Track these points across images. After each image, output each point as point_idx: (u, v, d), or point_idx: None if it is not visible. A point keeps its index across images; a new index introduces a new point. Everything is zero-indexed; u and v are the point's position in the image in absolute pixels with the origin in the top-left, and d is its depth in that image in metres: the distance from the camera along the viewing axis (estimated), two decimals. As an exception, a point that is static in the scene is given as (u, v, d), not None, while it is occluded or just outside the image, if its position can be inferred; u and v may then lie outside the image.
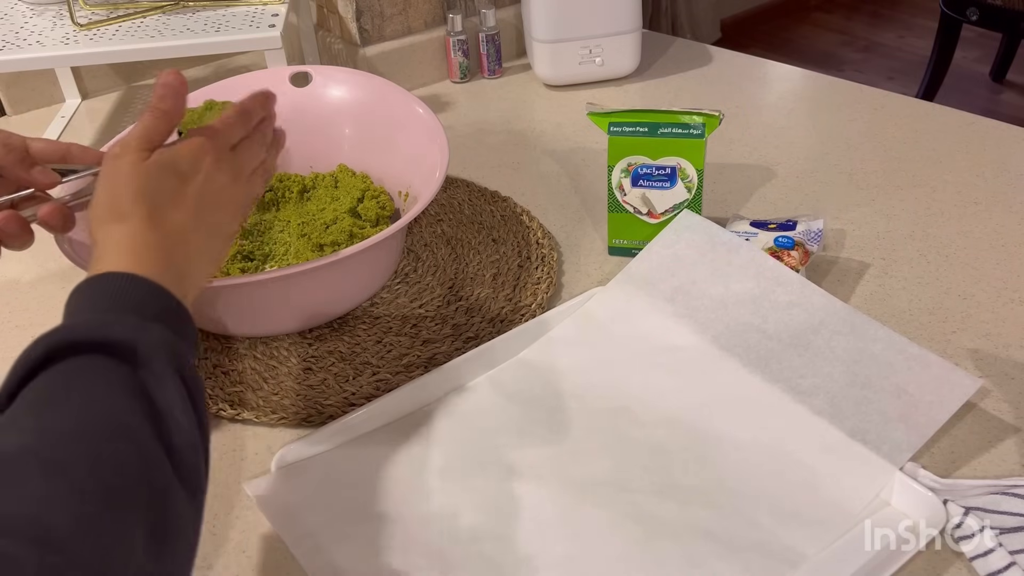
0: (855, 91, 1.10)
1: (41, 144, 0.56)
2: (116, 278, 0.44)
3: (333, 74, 0.86)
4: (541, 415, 0.63)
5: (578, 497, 0.56)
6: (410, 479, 0.59)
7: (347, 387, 0.67)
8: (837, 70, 2.97)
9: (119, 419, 0.37)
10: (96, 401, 0.38)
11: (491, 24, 1.17)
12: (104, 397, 0.38)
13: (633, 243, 0.79)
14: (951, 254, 0.78)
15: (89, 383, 0.38)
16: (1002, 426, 0.60)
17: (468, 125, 1.09)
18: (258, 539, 0.56)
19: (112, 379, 0.39)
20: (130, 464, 0.36)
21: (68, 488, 0.33)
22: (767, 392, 0.62)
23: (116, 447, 0.36)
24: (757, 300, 0.67)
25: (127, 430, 0.37)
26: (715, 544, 0.52)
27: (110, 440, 0.36)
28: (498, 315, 0.73)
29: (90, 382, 0.38)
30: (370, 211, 0.78)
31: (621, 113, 0.76)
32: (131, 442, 0.37)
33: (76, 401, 0.37)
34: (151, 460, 0.37)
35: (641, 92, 1.15)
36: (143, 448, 0.37)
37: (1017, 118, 1.09)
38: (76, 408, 0.37)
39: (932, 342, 0.68)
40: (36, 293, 0.82)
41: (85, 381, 0.38)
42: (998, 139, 0.96)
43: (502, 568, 0.52)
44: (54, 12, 1.04)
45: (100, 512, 0.34)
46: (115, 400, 0.38)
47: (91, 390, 0.38)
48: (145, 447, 0.37)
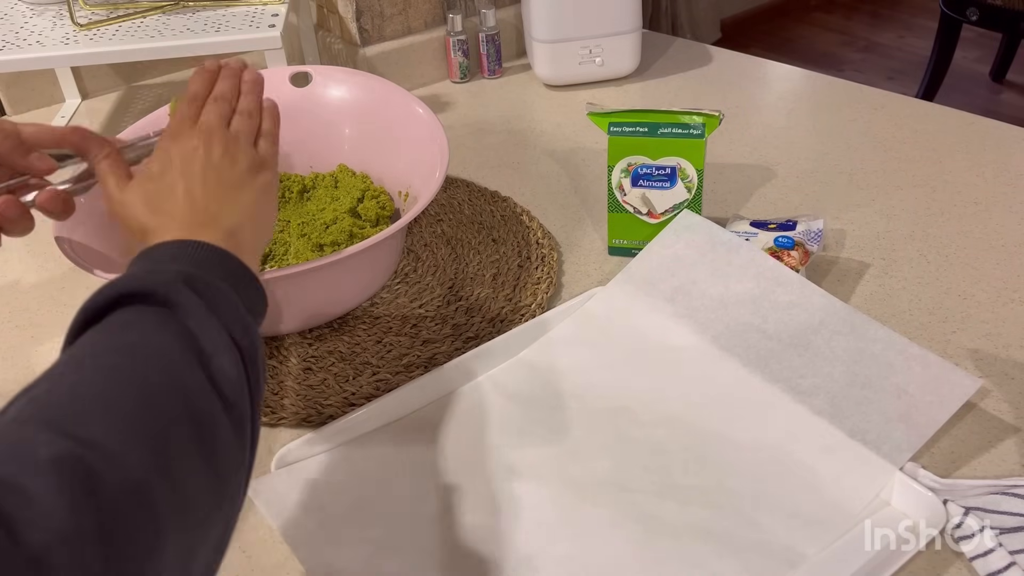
0: (855, 91, 1.10)
1: (34, 129, 0.56)
2: (151, 247, 0.46)
3: (333, 74, 0.86)
4: (541, 415, 0.63)
5: (578, 497, 0.56)
6: (410, 479, 0.59)
7: (347, 387, 0.67)
8: (837, 70, 2.97)
9: (147, 345, 0.38)
10: (124, 335, 0.38)
11: (491, 24, 1.17)
12: (130, 330, 0.39)
13: (633, 243, 0.79)
14: (951, 254, 0.78)
15: (119, 324, 0.39)
16: (1002, 426, 0.60)
17: (468, 125, 1.09)
18: (258, 539, 0.56)
19: (138, 317, 0.40)
20: (159, 378, 0.37)
21: (97, 405, 0.34)
22: (767, 392, 0.62)
23: (143, 366, 0.37)
24: (757, 300, 0.67)
25: (154, 351, 0.38)
26: (715, 544, 0.52)
27: (135, 360, 0.37)
28: (498, 315, 0.73)
29: (119, 323, 0.39)
30: (370, 211, 0.78)
31: (621, 113, 0.76)
32: (160, 361, 0.38)
33: (104, 340, 0.38)
34: (183, 375, 0.38)
35: (641, 92, 1.15)
36: (174, 366, 0.38)
37: (1017, 118, 1.09)
38: (105, 344, 0.38)
39: (932, 342, 0.68)
40: (36, 293, 0.82)
41: (115, 325, 0.39)
42: (998, 139, 0.96)
43: (502, 568, 0.52)
44: (54, 12, 1.04)
45: (132, 419, 0.34)
46: (145, 331, 0.39)
47: (120, 329, 0.39)
48: (176, 364, 0.38)
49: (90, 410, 0.34)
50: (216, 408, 0.38)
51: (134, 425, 0.34)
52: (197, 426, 0.36)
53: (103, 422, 0.33)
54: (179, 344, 0.39)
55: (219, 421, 0.38)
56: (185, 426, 0.36)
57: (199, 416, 0.37)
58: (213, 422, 0.38)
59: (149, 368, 0.37)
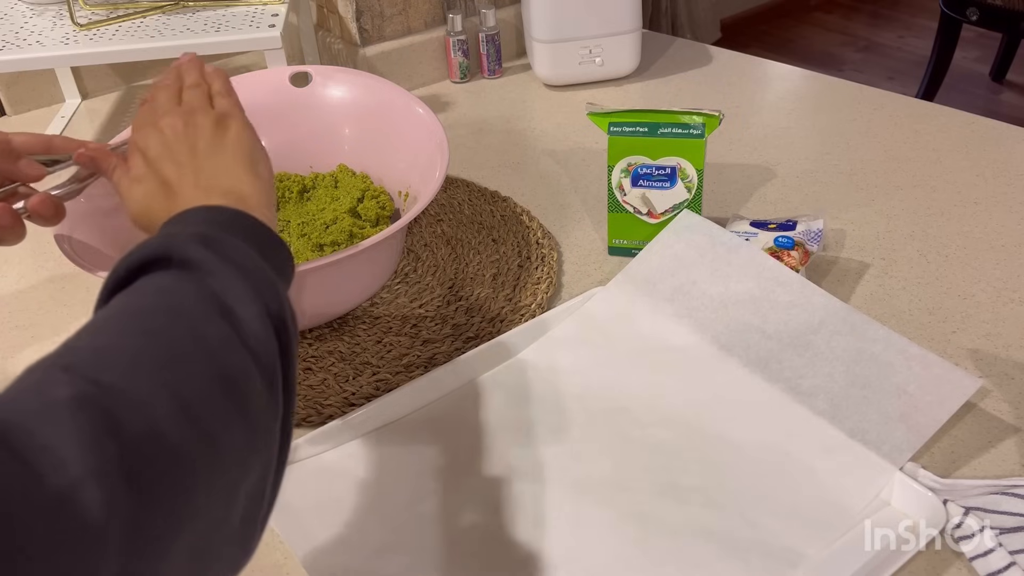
0: (855, 91, 1.10)
1: (23, 137, 0.56)
2: (166, 222, 0.45)
3: (333, 74, 0.86)
4: (541, 415, 0.63)
5: (578, 497, 0.56)
6: (410, 479, 0.59)
7: (347, 387, 0.67)
8: (837, 70, 2.97)
9: (186, 309, 0.38)
10: (145, 297, 0.38)
11: (491, 24, 1.17)
12: (154, 291, 0.39)
13: (633, 243, 0.79)
14: (951, 254, 0.78)
15: (140, 289, 0.39)
16: (1002, 426, 0.60)
17: (468, 125, 1.09)
18: (258, 539, 0.56)
19: (160, 281, 0.39)
20: (184, 332, 0.36)
21: (119, 354, 0.34)
22: (767, 392, 0.62)
23: (167, 321, 0.37)
24: (757, 300, 0.67)
25: (178, 307, 0.38)
26: (715, 544, 0.52)
27: (160, 315, 0.37)
28: (498, 315, 0.73)
29: (141, 289, 0.39)
30: (370, 211, 0.78)
31: (621, 113, 0.76)
32: (198, 327, 0.37)
33: (127, 303, 0.38)
34: (221, 341, 0.37)
35: (641, 92, 1.15)
36: (213, 332, 0.37)
37: (1017, 118, 1.09)
38: (127, 306, 0.38)
39: (932, 342, 0.68)
40: (36, 294, 0.82)
41: (136, 291, 0.39)
42: (998, 139, 0.96)
43: (502, 568, 0.52)
44: (54, 12, 1.04)
45: (155, 365, 0.34)
46: (181, 295, 0.38)
47: (141, 292, 0.39)
48: (213, 330, 0.37)
49: (112, 359, 0.34)
50: (242, 357, 0.37)
51: (156, 373, 0.34)
52: (223, 375, 0.36)
53: (124, 370, 0.33)
54: (201, 300, 0.38)
55: (247, 371, 0.37)
56: (209, 375, 0.35)
57: (224, 366, 0.36)
58: (240, 371, 0.37)
59: (172, 322, 0.37)
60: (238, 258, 0.41)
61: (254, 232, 0.45)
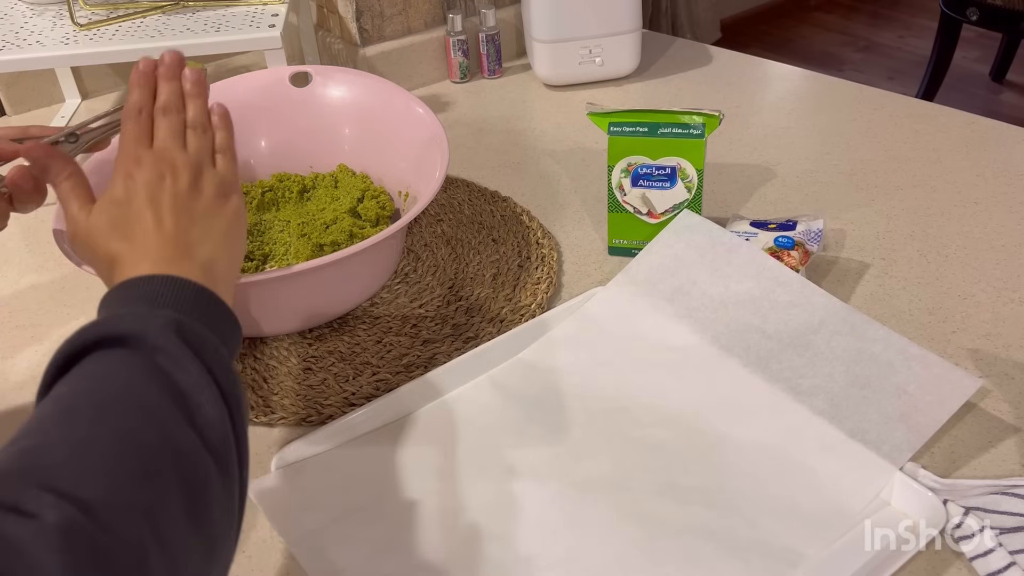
0: (855, 91, 1.10)
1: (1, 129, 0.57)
2: (128, 282, 0.45)
3: (333, 74, 0.86)
4: (541, 415, 0.63)
5: (578, 497, 0.56)
6: (410, 479, 0.59)
7: (347, 387, 0.67)
8: (837, 70, 2.97)
9: (138, 398, 0.38)
10: (114, 385, 0.38)
11: (491, 24, 1.17)
12: (122, 379, 0.39)
13: (633, 243, 0.79)
14: (951, 254, 0.78)
15: (106, 372, 0.39)
16: (1002, 426, 0.60)
17: (468, 125, 1.09)
18: (258, 539, 0.56)
19: (129, 365, 0.39)
20: (154, 438, 0.37)
21: (96, 466, 0.34)
22: (767, 392, 0.62)
23: (138, 423, 0.37)
24: (757, 300, 0.67)
25: (147, 407, 0.38)
26: (715, 544, 0.52)
27: (131, 417, 0.37)
28: (498, 315, 0.73)
29: (107, 371, 0.39)
30: (370, 211, 0.78)
31: (621, 113, 0.76)
32: (152, 418, 0.37)
33: (95, 389, 0.38)
34: (175, 434, 0.37)
35: (641, 92, 1.15)
36: (166, 423, 0.37)
37: (1017, 118, 1.09)
38: (96, 395, 0.38)
39: (932, 342, 0.68)
40: (36, 294, 0.82)
41: (102, 371, 0.39)
42: (998, 139, 0.96)
43: (502, 568, 0.52)
44: (54, 12, 1.04)
45: (130, 484, 0.34)
46: (133, 382, 0.38)
47: (108, 377, 0.39)
48: (167, 422, 0.38)
49: (89, 470, 0.34)
50: (207, 468, 0.38)
51: (132, 490, 0.34)
52: (189, 489, 0.36)
53: (103, 486, 0.33)
54: (169, 399, 0.38)
55: (210, 482, 0.38)
56: (178, 490, 0.36)
57: (191, 479, 0.37)
58: (204, 484, 0.37)
59: (142, 426, 0.37)
60: (205, 350, 0.41)
61: (214, 310, 0.46)
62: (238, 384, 0.42)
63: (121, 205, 0.50)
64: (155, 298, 0.44)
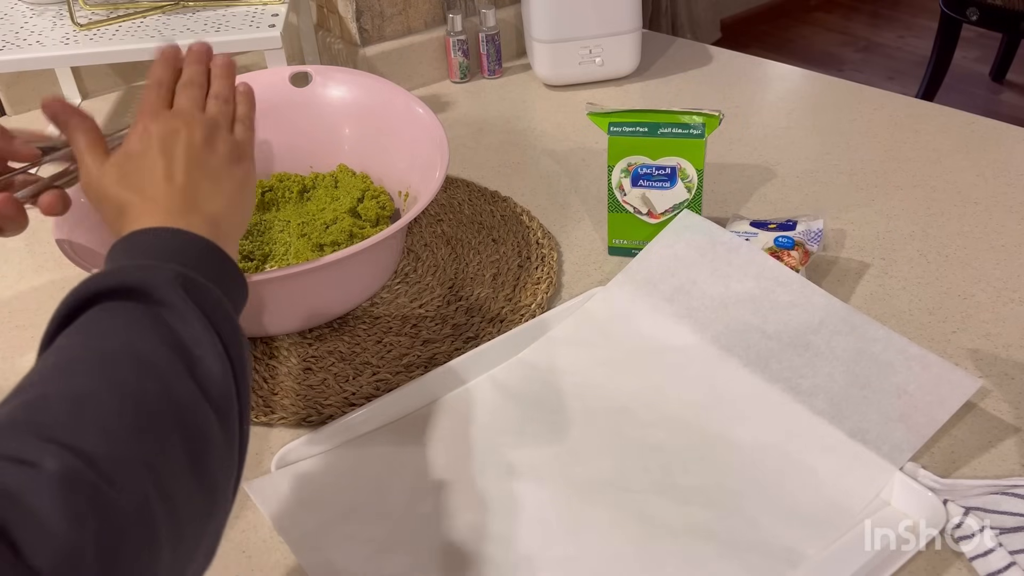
0: (855, 91, 1.10)
1: (13, 125, 0.56)
2: (135, 233, 0.45)
3: (333, 74, 0.86)
4: (541, 415, 0.63)
5: (578, 497, 0.56)
6: (410, 479, 0.59)
7: (347, 387, 0.67)
8: (837, 70, 2.97)
9: (140, 351, 0.38)
10: (116, 338, 0.38)
11: (491, 24, 1.17)
12: (123, 332, 0.38)
13: (633, 243, 0.79)
14: (951, 254, 0.78)
15: (109, 325, 0.39)
16: (1002, 426, 0.60)
17: (468, 125, 1.09)
18: (258, 539, 0.56)
19: (131, 317, 0.39)
20: (155, 391, 0.36)
21: (97, 418, 0.34)
22: (767, 392, 0.62)
23: (139, 376, 0.37)
24: (757, 300, 0.67)
25: (148, 360, 0.37)
26: (715, 544, 0.52)
27: (132, 369, 0.37)
28: (498, 315, 0.73)
29: (109, 323, 0.39)
30: (370, 211, 0.78)
31: (621, 113, 0.76)
32: (154, 370, 0.37)
33: (96, 343, 0.38)
34: (176, 387, 0.37)
35: (641, 92, 1.15)
36: (167, 376, 0.37)
37: (1017, 118, 1.09)
38: (97, 348, 0.37)
39: (932, 342, 0.68)
40: (37, 294, 0.82)
41: (105, 324, 0.39)
42: (998, 139, 0.96)
43: (502, 568, 0.52)
44: (54, 12, 1.04)
45: (131, 436, 0.34)
46: (134, 335, 0.38)
47: (110, 330, 0.39)
48: (168, 374, 0.37)
49: (90, 422, 0.34)
50: (208, 420, 0.38)
51: (133, 441, 0.34)
52: (190, 441, 0.36)
53: (104, 437, 0.33)
54: (171, 351, 0.39)
55: (211, 434, 0.38)
56: (179, 442, 0.36)
57: (192, 431, 0.37)
58: (205, 436, 0.37)
59: (143, 379, 0.37)
60: (209, 304, 0.41)
61: (220, 266, 0.46)
62: (242, 339, 0.42)
63: (134, 157, 0.50)
64: (162, 251, 0.44)
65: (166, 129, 0.51)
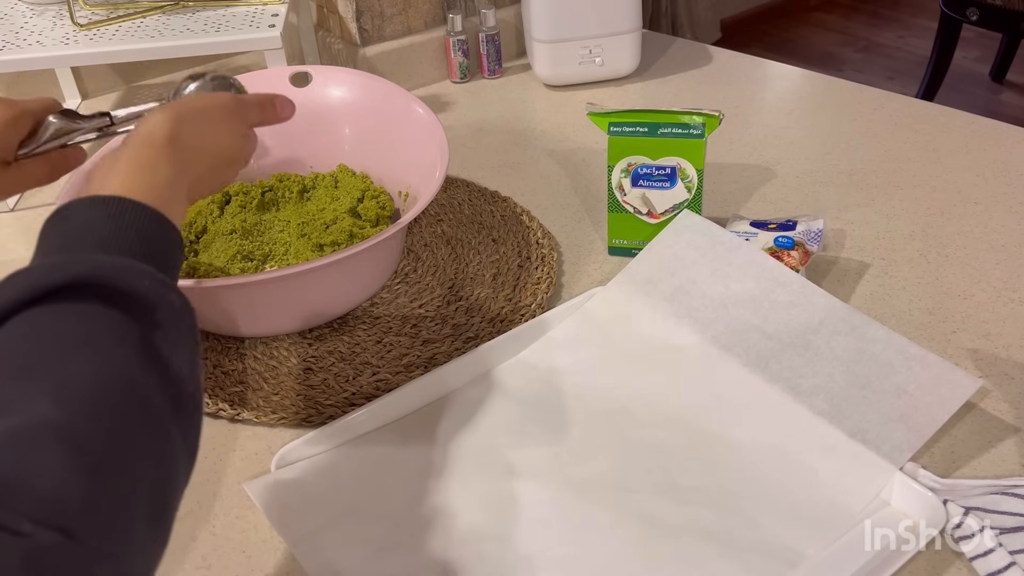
0: (855, 91, 1.10)
1: (36, 105, 0.57)
2: (123, 204, 0.43)
3: (333, 74, 0.86)
4: (541, 415, 0.63)
5: (578, 497, 0.56)
6: (410, 479, 0.59)
7: (347, 387, 0.67)
8: (837, 70, 2.97)
9: (135, 383, 0.36)
10: (112, 361, 0.36)
11: (491, 24, 1.17)
12: (119, 358, 0.36)
13: (633, 243, 0.79)
14: (951, 254, 0.78)
15: (105, 338, 0.36)
16: (1002, 426, 0.60)
17: (468, 125, 1.09)
18: (258, 539, 0.56)
19: (127, 339, 0.37)
20: (143, 436, 0.35)
21: (83, 462, 0.32)
22: (767, 392, 0.62)
23: (129, 413, 0.35)
24: (757, 300, 0.67)
25: (142, 398, 0.36)
26: (715, 544, 0.52)
27: (123, 406, 0.35)
28: (498, 315, 0.73)
29: (106, 337, 0.36)
30: (370, 211, 0.78)
31: (621, 113, 0.76)
32: (145, 412, 0.36)
33: (92, 359, 0.35)
34: (162, 433, 0.36)
35: (641, 92, 1.15)
36: (156, 420, 0.36)
37: (1017, 118, 1.09)
38: (92, 367, 0.35)
39: (932, 342, 0.68)
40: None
41: (100, 334, 0.36)
42: (998, 139, 0.96)
43: (502, 568, 0.52)
44: (54, 12, 1.04)
45: (109, 484, 0.33)
46: (131, 363, 0.36)
47: (107, 348, 0.36)
48: (157, 418, 0.36)
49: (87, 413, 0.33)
50: (178, 450, 0.37)
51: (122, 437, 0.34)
52: (156, 471, 0.35)
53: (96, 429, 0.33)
54: (147, 370, 0.37)
55: (176, 456, 0.37)
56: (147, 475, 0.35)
57: (159, 459, 0.36)
58: (169, 461, 0.37)
59: (115, 414, 0.35)
60: (185, 316, 0.40)
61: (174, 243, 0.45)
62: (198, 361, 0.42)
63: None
64: (120, 231, 0.41)
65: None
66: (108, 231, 0.41)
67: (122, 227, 0.42)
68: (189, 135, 0.50)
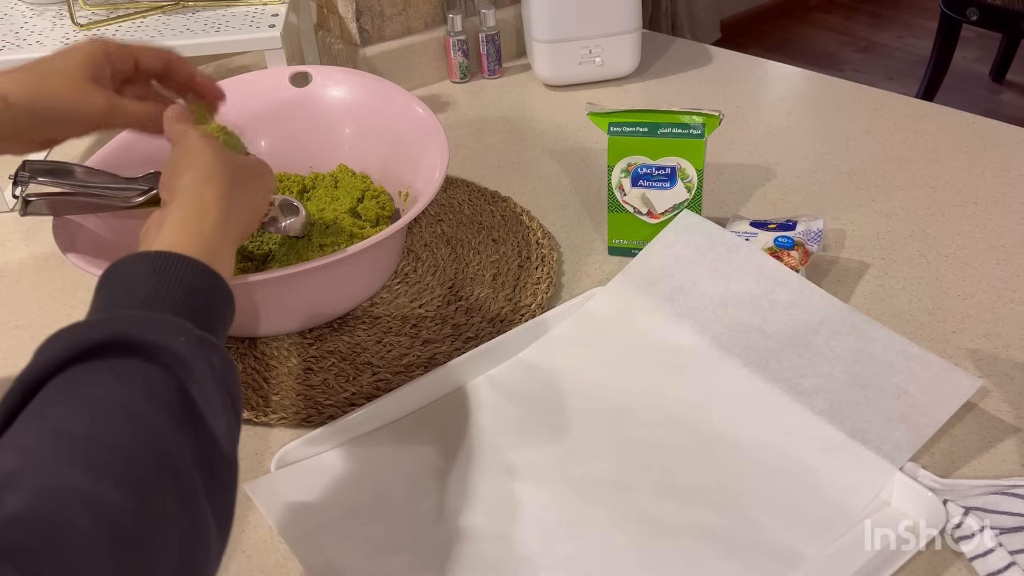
0: (855, 91, 1.10)
1: (147, 56, 0.59)
2: (168, 259, 0.43)
3: (333, 74, 0.86)
4: (541, 415, 0.63)
5: (578, 497, 0.56)
6: (410, 479, 0.59)
7: (347, 387, 0.67)
8: (837, 70, 2.98)
9: (168, 455, 0.35)
10: (145, 425, 0.35)
11: (491, 24, 1.17)
12: (153, 422, 0.36)
13: (633, 243, 0.79)
14: (951, 254, 0.78)
15: (139, 397, 0.36)
16: (1002, 426, 0.60)
17: (468, 125, 1.09)
18: (258, 539, 0.56)
19: (162, 396, 0.36)
20: (172, 505, 0.34)
21: (111, 533, 0.31)
22: (767, 392, 0.62)
23: (162, 483, 0.34)
24: (757, 300, 0.67)
25: (174, 464, 0.35)
26: (715, 544, 0.52)
27: (156, 471, 0.34)
28: (498, 315, 0.73)
29: (141, 396, 0.36)
30: (370, 211, 0.78)
31: (621, 113, 0.76)
32: (177, 481, 0.35)
33: (126, 423, 0.35)
34: (193, 504, 0.35)
35: (641, 92, 1.15)
36: (187, 490, 0.35)
37: (1017, 118, 1.09)
38: (125, 435, 0.34)
39: (932, 342, 0.68)
40: (36, 293, 0.82)
41: (136, 394, 0.36)
42: (998, 139, 0.96)
43: (502, 568, 0.52)
44: (54, 12, 1.04)
45: (137, 552, 0.32)
46: (164, 426, 0.36)
47: (141, 410, 0.36)
48: (190, 490, 0.35)
49: (116, 466, 0.33)
50: (206, 519, 0.36)
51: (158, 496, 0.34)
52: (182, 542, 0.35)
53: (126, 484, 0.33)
54: (180, 434, 0.36)
55: (206, 529, 0.36)
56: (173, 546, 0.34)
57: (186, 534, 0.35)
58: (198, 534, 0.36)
59: (147, 482, 0.34)
60: (230, 372, 0.40)
61: (225, 299, 0.45)
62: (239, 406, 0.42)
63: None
64: (167, 286, 0.41)
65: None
66: (152, 286, 0.41)
67: (166, 281, 0.42)
68: (234, 179, 0.52)
